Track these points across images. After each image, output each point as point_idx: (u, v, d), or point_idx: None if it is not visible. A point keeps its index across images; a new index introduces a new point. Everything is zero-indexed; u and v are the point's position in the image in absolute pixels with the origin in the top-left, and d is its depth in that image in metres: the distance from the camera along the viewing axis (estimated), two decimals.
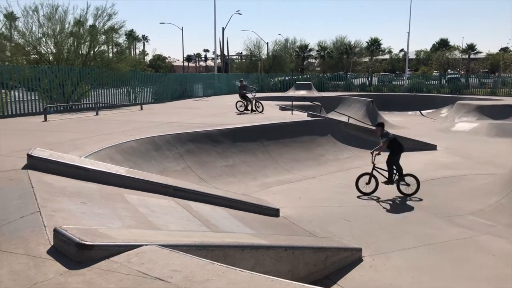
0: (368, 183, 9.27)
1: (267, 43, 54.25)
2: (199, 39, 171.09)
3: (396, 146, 9.39)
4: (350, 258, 5.65)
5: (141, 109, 18.76)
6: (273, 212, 7.79)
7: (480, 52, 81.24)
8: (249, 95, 18.11)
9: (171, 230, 4.67)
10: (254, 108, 17.86)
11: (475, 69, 51.49)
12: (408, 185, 9.30)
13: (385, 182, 9.38)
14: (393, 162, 9.32)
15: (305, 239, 6.17)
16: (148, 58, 74.39)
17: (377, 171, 9.34)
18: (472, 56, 77.61)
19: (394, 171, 9.36)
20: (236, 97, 19.94)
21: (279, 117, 15.48)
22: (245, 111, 17.63)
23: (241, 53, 65.07)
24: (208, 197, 6.98)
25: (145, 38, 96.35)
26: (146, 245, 3.35)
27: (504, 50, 68.98)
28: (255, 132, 12.73)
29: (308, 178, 11.02)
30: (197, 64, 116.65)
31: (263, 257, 4.39)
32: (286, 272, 4.61)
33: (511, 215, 7.75)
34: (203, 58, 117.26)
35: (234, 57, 69.35)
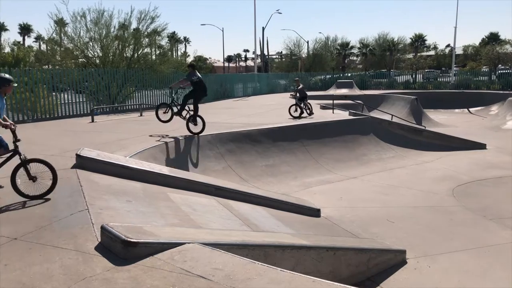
0: (166, 112, 10.77)
1: (307, 42, 53.86)
2: (239, 40, 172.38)
3: (199, 87, 10.52)
4: (394, 260, 5.50)
5: None
6: (314, 212, 7.72)
7: None
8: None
9: (213, 228, 4.73)
10: (309, 112, 15.52)
11: None
12: (195, 124, 10.44)
13: (175, 113, 10.73)
14: (188, 98, 10.56)
15: (346, 240, 6.07)
16: (189, 59, 75.92)
17: (174, 104, 10.95)
18: None
19: (189, 110, 10.58)
20: (276, 96, 19.83)
21: (319, 116, 15.32)
22: (302, 116, 14.96)
23: (281, 52, 65.03)
24: (248, 197, 7.02)
25: (186, 40, 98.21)
26: (189, 243, 3.41)
27: None
28: (295, 131, 12.67)
29: (350, 178, 10.84)
30: (237, 64, 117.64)
31: (304, 258, 4.36)
32: (327, 273, 4.55)
33: None
34: (243, 58, 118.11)
35: (274, 56, 69.37)
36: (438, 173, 10.96)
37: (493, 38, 75.99)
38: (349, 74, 44.67)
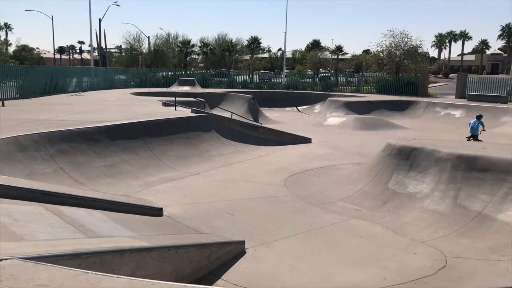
0: None
1: (148, 37, 52.54)
2: (73, 31, 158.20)
3: None
4: (234, 252, 5.75)
5: (3, 105, 16.66)
6: (157, 212, 7.56)
7: (347, 53, 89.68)
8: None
9: (38, 240, 4.22)
10: None
11: (342, 68, 56.57)
12: None
13: None
14: None
15: (189, 237, 6.11)
16: (11, 48, 66.58)
17: None
18: (340, 56, 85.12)
19: None
20: (115, 92, 18.78)
21: (162, 113, 15.09)
22: None
23: (120, 46, 62.04)
24: (84, 200, 6.48)
25: (7, 27, 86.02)
26: (6, 259, 2.96)
27: (366, 52, 76.98)
28: (136, 129, 12.20)
29: (193, 174, 10.95)
30: (71, 56, 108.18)
31: (145, 260, 4.23)
32: (169, 273, 4.50)
33: (373, 200, 8.70)
34: (78, 51, 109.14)
35: (113, 50, 65.77)
36: (273, 166, 11.89)
37: (316, 45, 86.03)
38: (191, 72, 45.15)
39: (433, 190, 8.27)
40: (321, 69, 53.27)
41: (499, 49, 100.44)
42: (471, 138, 14.89)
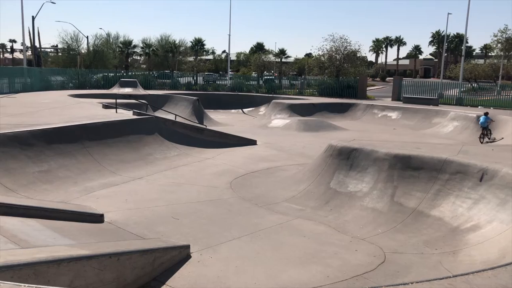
0: None
1: (87, 37, 50.41)
2: (3, 28, 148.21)
3: None
4: (179, 256, 5.66)
5: None
6: (97, 218, 7.26)
7: (290, 57, 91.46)
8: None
9: None
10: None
11: (286, 71, 57.56)
12: None
13: None
14: None
15: (131, 243, 5.92)
16: None
17: None
18: (283, 60, 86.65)
19: None
20: (52, 94, 17.90)
21: (102, 116, 14.54)
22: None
23: (57, 46, 59.16)
24: (16, 209, 6.09)
25: None
26: None
27: (308, 55, 78.99)
28: (74, 132, 11.65)
29: (136, 179, 10.65)
30: (1, 56, 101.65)
31: (84, 269, 4.05)
32: (111, 281, 4.35)
33: (316, 199, 8.94)
34: (9, 50, 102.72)
35: (49, 50, 62.59)
36: (218, 168, 11.85)
37: (260, 48, 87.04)
38: (133, 73, 43.92)
39: (372, 189, 8.65)
40: (265, 72, 53.94)
41: (430, 54, 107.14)
42: (485, 132, 18.69)
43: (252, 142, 16.12)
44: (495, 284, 3.33)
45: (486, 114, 19.34)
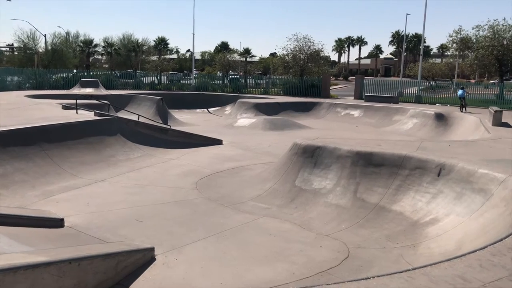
0: None
1: (45, 36, 48.61)
2: None
3: None
4: (143, 259, 5.56)
5: None
6: (57, 223, 7.02)
7: (255, 56, 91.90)
8: None
9: None
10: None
11: (251, 71, 57.75)
12: None
13: None
14: None
15: (93, 247, 5.76)
16: None
17: None
18: (248, 59, 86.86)
19: None
20: (7, 94, 17.13)
21: (62, 117, 14.07)
22: None
23: (12, 44, 56.81)
24: None
25: None
26: None
27: (273, 55, 79.54)
28: (32, 134, 11.20)
29: (98, 181, 10.37)
30: None
31: (42, 276, 3.91)
32: (71, 287, 4.21)
33: (282, 197, 9.02)
34: None
35: (4, 49, 60.06)
36: (183, 169, 11.72)
37: (224, 47, 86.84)
38: (95, 73, 42.76)
39: (336, 186, 8.81)
40: (230, 71, 53.86)
41: (390, 53, 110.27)
42: (463, 103, 22.90)
43: (218, 142, 16.05)
44: (451, 275, 3.47)
45: (462, 88, 23.74)
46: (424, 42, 43.66)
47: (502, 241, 4.28)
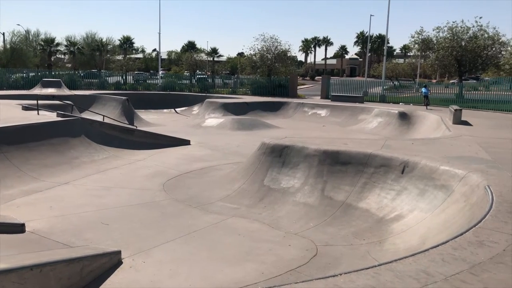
0: None
1: (3, 34, 46.69)
2: None
3: None
4: (109, 263, 5.43)
5: None
6: (17, 229, 6.76)
7: (222, 56, 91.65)
8: None
9: None
10: None
11: (219, 70, 57.54)
12: None
13: None
14: None
15: (56, 252, 5.58)
16: None
17: None
18: (216, 59, 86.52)
19: None
20: None
21: (22, 118, 13.53)
22: None
23: None
24: None
25: None
26: None
27: (240, 55, 79.56)
28: None
29: (61, 184, 10.05)
30: None
31: (2, 284, 3.75)
32: None
33: (250, 197, 9.03)
34: None
35: None
36: (150, 170, 11.53)
37: (191, 46, 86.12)
38: (57, 73, 41.43)
39: (304, 184, 8.90)
40: (197, 71, 53.48)
41: (356, 54, 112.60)
42: (426, 101, 25.59)
43: (186, 142, 15.89)
44: (415, 270, 3.57)
45: (425, 86, 26.32)
46: (388, 43, 44.82)
47: (463, 235, 4.45)
